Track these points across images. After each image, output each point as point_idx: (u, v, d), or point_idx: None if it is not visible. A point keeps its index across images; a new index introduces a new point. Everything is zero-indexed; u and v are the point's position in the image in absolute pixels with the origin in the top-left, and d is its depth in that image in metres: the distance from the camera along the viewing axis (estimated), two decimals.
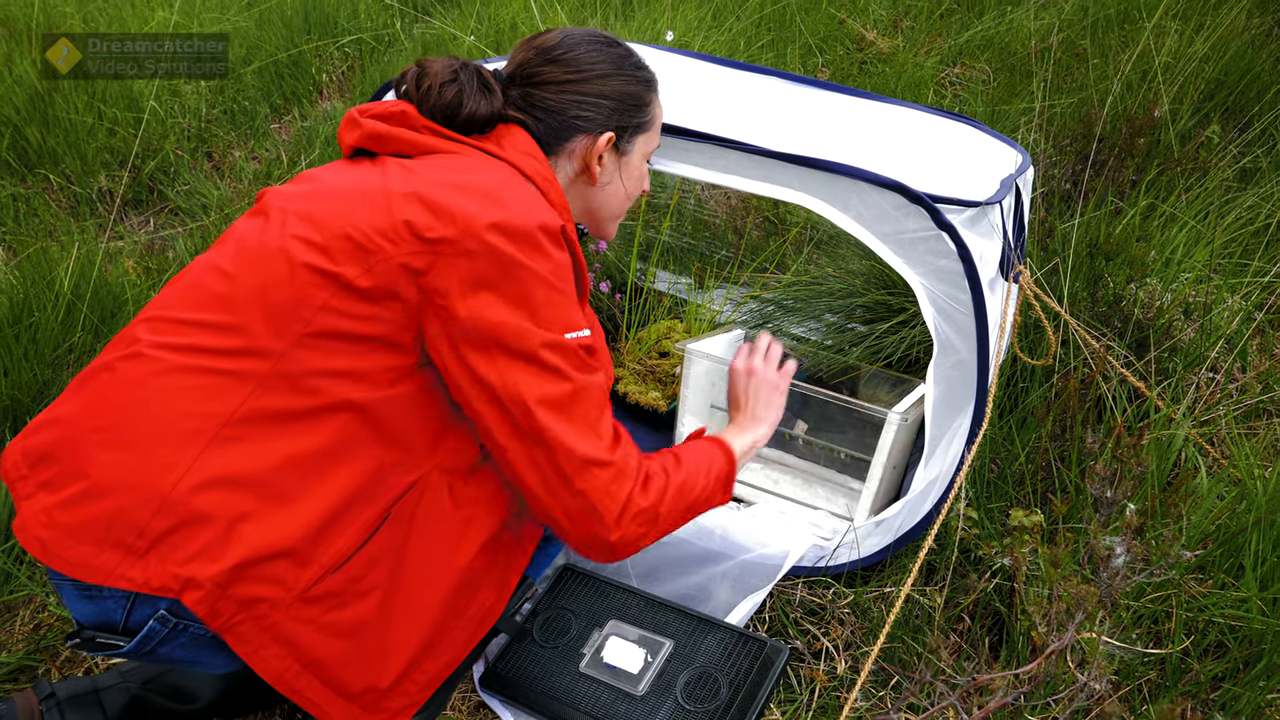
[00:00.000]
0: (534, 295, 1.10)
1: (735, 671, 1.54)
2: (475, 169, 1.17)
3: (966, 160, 1.83)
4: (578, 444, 1.12)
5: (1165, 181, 2.73)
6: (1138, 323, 2.08)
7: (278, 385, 1.08)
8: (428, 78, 1.23)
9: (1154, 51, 3.21)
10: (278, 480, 1.07)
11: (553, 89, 1.27)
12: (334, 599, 1.10)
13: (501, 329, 1.09)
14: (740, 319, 2.31)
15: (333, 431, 1.09)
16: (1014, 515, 1.46)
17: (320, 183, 1.19)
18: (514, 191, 1.15)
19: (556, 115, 1.27)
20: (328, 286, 1.09)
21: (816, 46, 3.91)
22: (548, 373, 1.11)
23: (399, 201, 1.10)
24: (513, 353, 1.10)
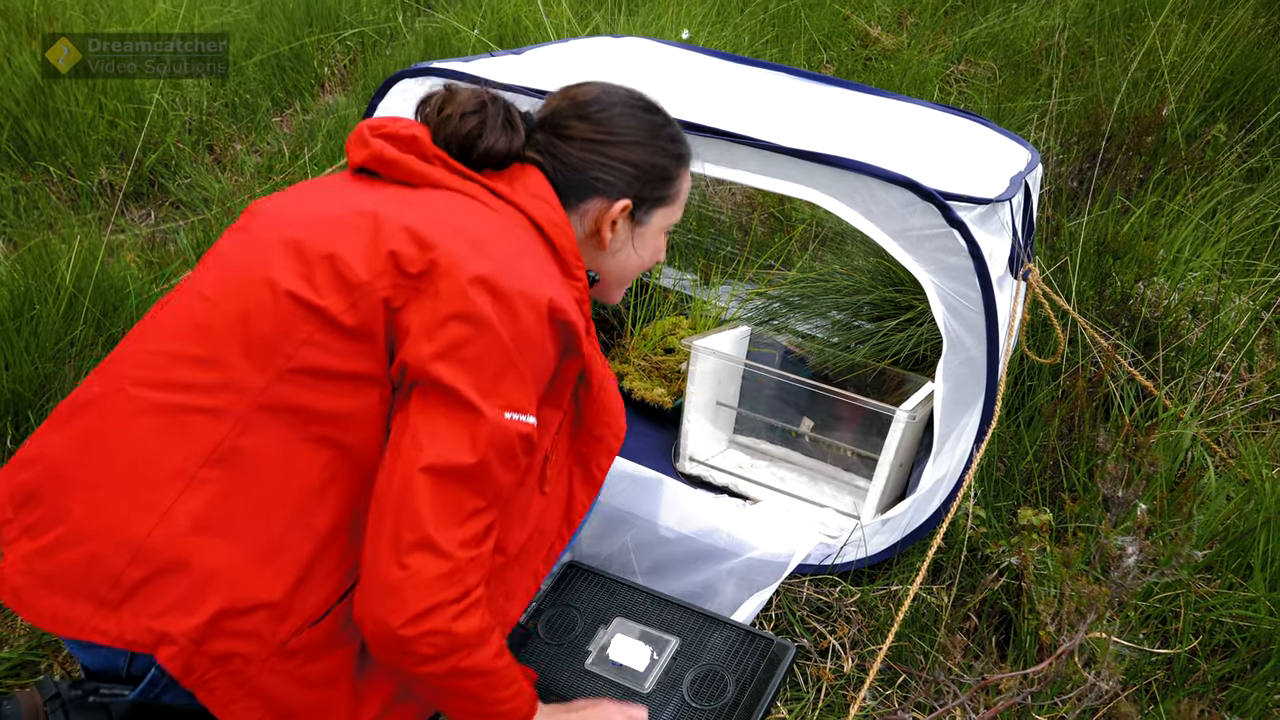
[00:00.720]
0: (488, 361, 1.03)
1: (742, 669, 1.53)
2: (477, 214, 1.11)
3: (976, 157, 1.83)
4: (429, 516, 1.00)
5: (1172, 180, 2.73)
6: (1145, 322, 2.07)
7: (258, 423, 1.02)
8: (451, 104, 1.17)
9: (1160, 50, 3.20)
10: (257, 526, 1.02)
11: (578, 145, 1.21)
12: (311, 651, 1.05)
13: (440, 384, 1.01)
14: (746, 315, 2.30)
15: (315, 473, 1.04)
16: (1023, 514, 1.45)
17: (313, 202, 1.14)
18: (510, 246, 1.09)
19: (576, 173, 1.22)
20: (311, 320, 1.03)
21: (821, 43, 3.90)
22: (459, 440, 1.01)
23: (388, 231, 1.05)
24: (440, 406, 1.02)
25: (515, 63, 1.99)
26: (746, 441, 2.16)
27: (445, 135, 1.17)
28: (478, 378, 1.02)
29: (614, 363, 2.26)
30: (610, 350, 2.31)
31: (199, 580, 1.00)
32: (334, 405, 1.04)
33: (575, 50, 2.19)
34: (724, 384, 2.10)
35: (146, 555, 0.99)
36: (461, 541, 1.01)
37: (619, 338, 2.31)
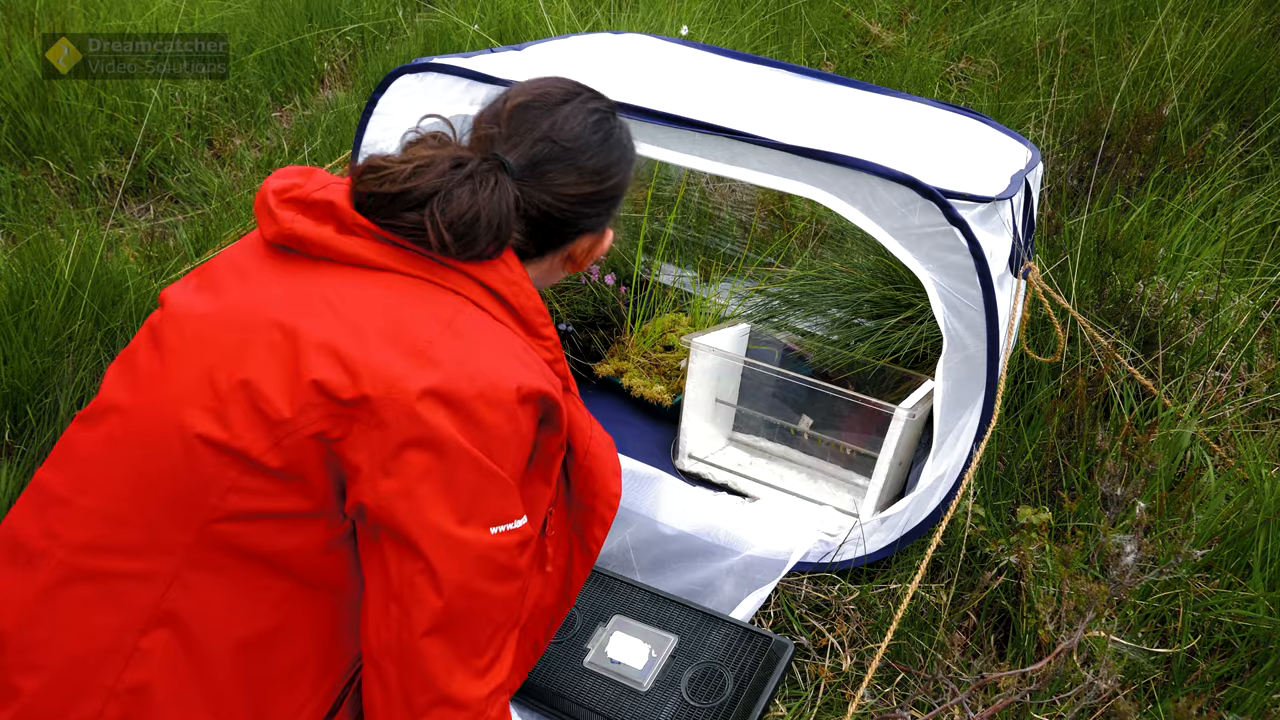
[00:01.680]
0: (460, 483, 0.92)
1: (740, 667, 1.53)
2: (413, 303, 0.97)
3: (977, 155, 1.82)
4: (442, 674, 0.93)
5: (1172, 179, 2.72)
6: (1145, 320, 2.07)
7: (191, 581, 0.94)
8: (440, 207, 0.98)
9: (1164, 48, 3.20)
10: (212, 685, 0.95)
11: (570, 200, 1.08)
12: None
13: (411, 524, 0.91)
14: (746, 313, 2.30)
15: (265, 617, 0.96)
16: (1022, 513, 1.45)
17: (225, 303, 1.00)
18: (459, 338, 0.96)
19: (567, 225, 1.09)
20: (232, 465, 0.93)
21: (821, 40, 3.90)
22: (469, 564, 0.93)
23: (308, 355, 0.92)
24: (418, 551, 0.93)
25: (516, 59, 1.98)
26: (745, 439, 2.16)
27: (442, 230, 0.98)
28: (454, 506, 0.92)
29: (614, 360, 2.26)
30: (610, 347, 2.30)
31: None
32: (273, 545, 0.95)
33: (576, 47, 2.19)
34: (723, 381, 2.10)
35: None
36: (480, 686, 0.95)
37: (618, 334, 2.31)
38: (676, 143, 1.65)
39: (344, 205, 1.00)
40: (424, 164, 0.99)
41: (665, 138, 1.65)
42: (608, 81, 1.83)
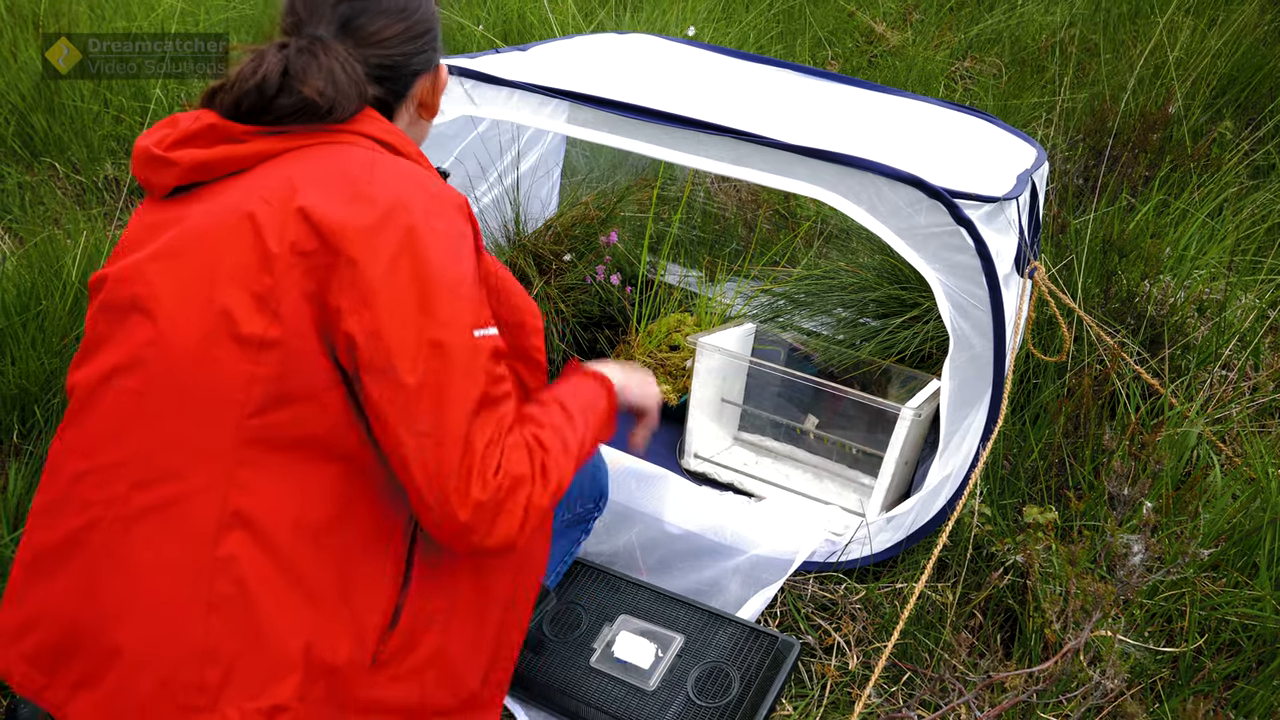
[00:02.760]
0: (437, 295, 0.98)
1: (746, 666, 1.53)
2: (333, 158, 1.03)
3: (982, 155, 1.82)
4: (478, 458, 0.99)
5: (1179, 178, 2.72)
6: (1151, 319, 2.07)
7: (246, 480, 0.99)
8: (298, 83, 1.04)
9: (1167, 47, 3.19)
10: (294, 567, 1.00)
11: (393, 43, 1.11)
12: (402, 653, 1.07)
13: (401, 344, 0.96)
14: (751, 313, 2.30)
15: (327, 496, 1.01)
16: (1028, 512, 1.45)
17: (175, 243, 1.04)
18: (385, 174, 1.02)
19: (400, 69, 1.12)
20: (245, 357, 0.98)
21: (826, 39, 3.89)
22: (463, 375, 0.98)
23: (274, 225, 0.98)
24: (412, 362, 0.97)
25: (522, 59, 1.98)
26: (751, 438, 2.16)
27: (264, 104, 1.04)
28: (432, 315, 0.98)
29: (619, 359, 2.26)
30: (615, 347, 2.31)
31: (276, 647, 0.99)
32: (306, 430, 1.00)
33: (581, 47, 2.19)
34: (729, 381, 2.11)
35: (214, 651, 0.98)
36: (503, 450, 1.00)
37: (624, 335, 2.31)
38: (681, 143, 1.65)
39: (224, 123, 1.05)
40: (256, 59, 1.05)
41: (670, 138, 1.65)
42: (613, 82, 1.83)
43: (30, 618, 1.04)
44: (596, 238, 2.22)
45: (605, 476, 1.49)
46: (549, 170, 2.50)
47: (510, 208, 2.21)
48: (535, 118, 1.77)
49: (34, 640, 1.03)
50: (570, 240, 2.20)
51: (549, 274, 2.14)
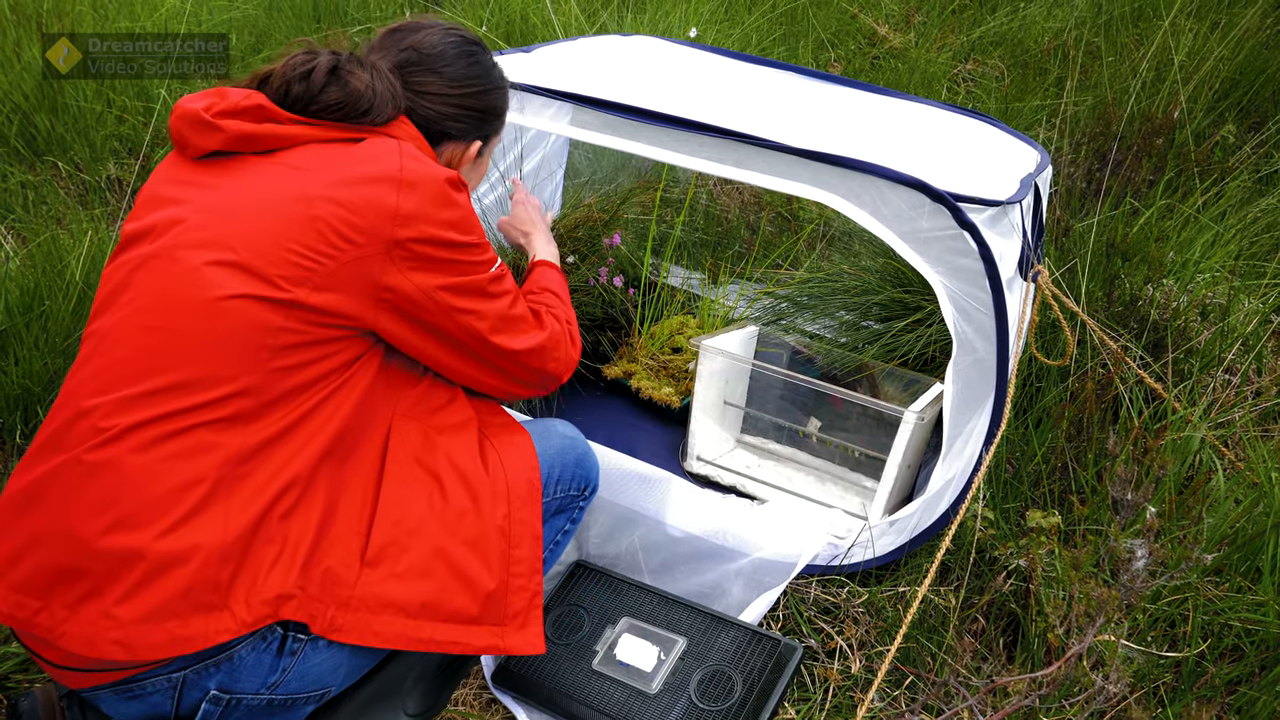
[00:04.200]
0: (461, 255, 1.19)
1: (749, 670, 1.53)
2: (365, 153, 1.17)
3: (986, 158, 1.82)
4: (523, 344, 1.31)
5: (1183, 182, 2.72)
6: (1154, 324, 2.06)
7: (268, 411, 1.09)
8: (347, 75, 1.20)
9: (1172, 50, 3.19)
10: (297, 481, 1.11)
11: (433, 100, 1.31)
12: (393, 550, 1.14)
13: (446, 293, 1.19)
14: (754, 315, 2.30)
15: (331, 415, 1.14)
16: (1031, 516, 1.45)
17: (215, 202, 1.14)
18: (410, 161, 1.16)
19: (433, 124, 1.31)
20: (279, 311, 1.09)
21: (828, 41, 3.89)
22: (491, 300, 1.25)
23: (319, 207, 1.11)
24: (460, 304, 1.21)
25: (525, 60, 1.98)
26: (754, 441, 2.16)
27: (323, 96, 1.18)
28: (465, 270, 1.21)
29: (622, 362, 2.26)
30: (618, 349, 2.31)
31: (277, 542, 1.07)
32: (326, 365, 1.13)
33: (584, 49, 2.19)
34: (731, 384, 2.10)
35: (228, 553, 1.04)
36: (534, 326, 1.35)
37: (626, 337, 2.31)
38: (684, 146, 1.65)
39: (271, 105, 1.17)
40: (310, 54, 1.20)
41: (672, 141, 1.65)
42: (616, 84, 1.83)
43: (18, 546, 1.05)
44: (600, 240, 2.22)
45: (593, 469, 1.50)
46: (552, 172, 2.49)
47: None
48: (538, 120, 1.77)
49: (27, 568, 1.04)
50: (573, 242, 2.20)
51: None
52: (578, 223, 2.23)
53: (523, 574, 1.24)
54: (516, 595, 1.22)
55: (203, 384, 1.07)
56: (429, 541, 1.17)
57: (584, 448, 1.48)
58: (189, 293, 1.08)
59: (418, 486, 1.20)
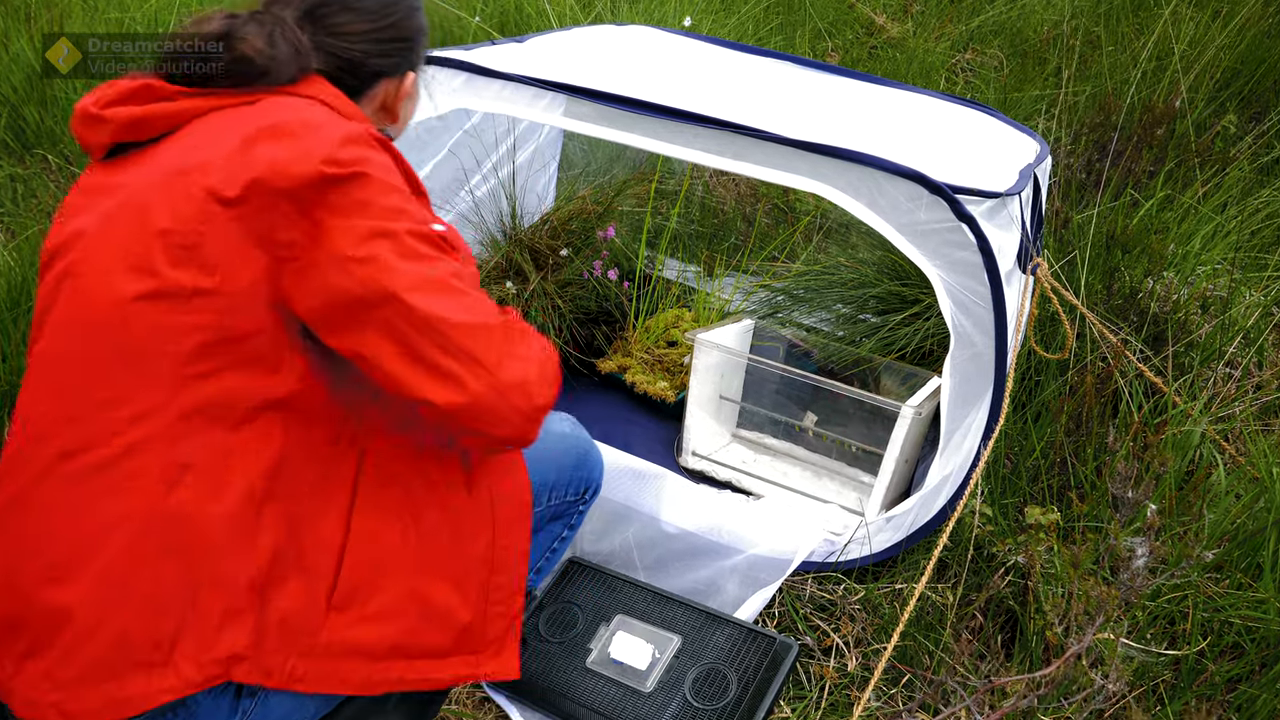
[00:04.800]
0: (362, 193, 0.98)
1: (744, 668, 1.52)
2: (255, 114, 1.03)
3: (985, 149, 1.80)
4: (457, 314, 0.99)
5: (1183, 173, 2.69)
6: (1154, 317, 2.04)
7: (184, 429, 0.98)
8: (237, 41, 1.06)
9: (1173, 39, 3.16)
10: (236, 519, 0.99)
11: (355, 39, 1.14)
12: (362, 591, 1.05)
13: (341, 237, 0.97)
14: (750, 308, 2.28)
15: (262, 440, 1.00)
16: (1030, 513, 1.43)
17: (111, 206, 1.03)
18: (305, 113, 1.03)
19: (362, 66, 1.16)
20: (176, 306, 0.97)
21: (826, 31, 3.86)
22: (409, 255, 0.98)
23: (197, 176, 0.98)
24: (359, 252, 0.97)
25: (518, 51, 1.96)
26: (750, 436, 2.14)
27: (231, 66, 1.05)
28: (391, 215, 0.99)
29: (616, 356, 2.24)
30: (612, 343, 2.28)
31: (226, 595, 0.98)
32: (242, 375, 1.00)
33: (578, 38, 2.16)
34: (727, 378, 2.08)
35: (166, 606, 0.96)
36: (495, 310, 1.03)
37: (621, 331, 2.29)
38: (679, 137, 1.63)
39: (159, 83, 1.06)
40: (198, 21, 1.08)
41: (667, 132, 1.63)
42: (610, 74, 1.80)
43: None
44: (594, 232, 2.20)
45: (595, 468, 1.42)
46: (545, 163, 2.47)
47: (506, 201, 2.18)
48: (531, 111, 1.74)
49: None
50: (567, 235, 2.18)
51: (545, 269, 2.12)
52: (572, 215, 2.20)
53: (503, 599, 1.15)
54: (494, 622, 1.14)
55: (120, 407, 0.97)
56: (403, 580, 1.07)
57: (585, 446, 1.41)
58: (93, 311, 0.99)
59: (393, 518, 1.08)
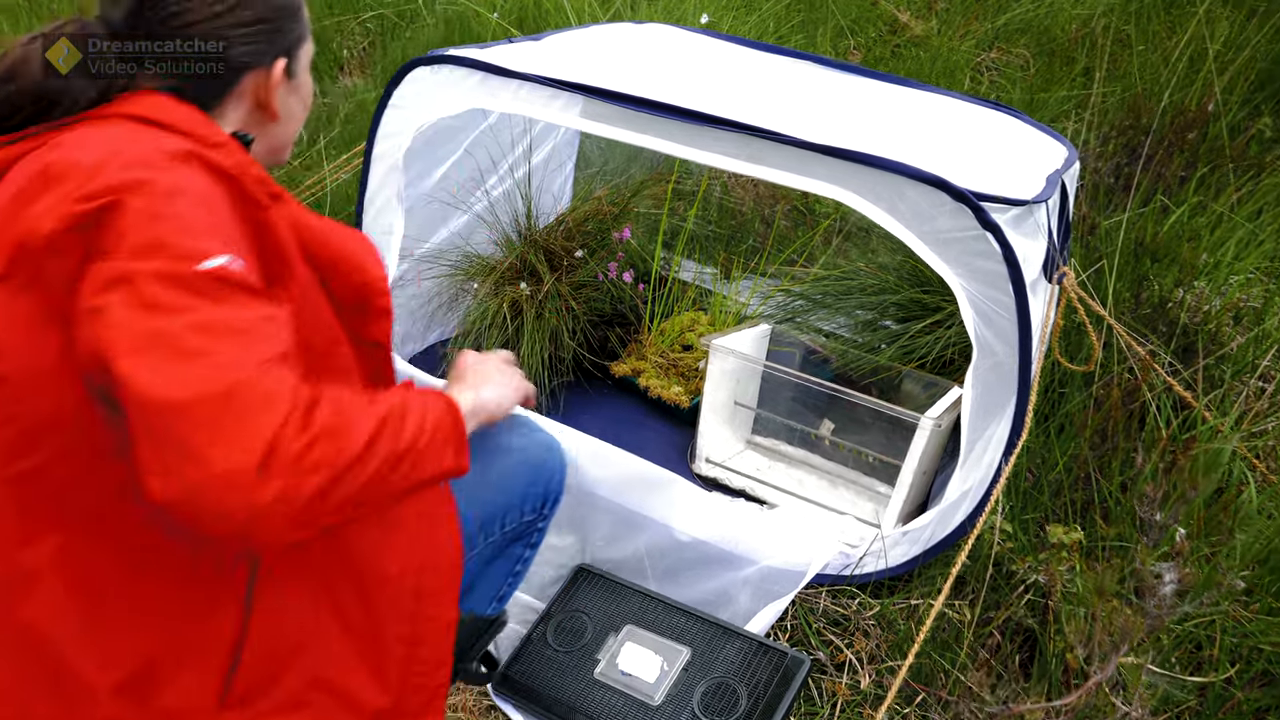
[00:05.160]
0: (114, 229, 0.81)
1: (755, 682, 1.49)
2: (40, 157, 0.89)
3: (1010, 154, 1.75)
4: (162, 388, 0.78)
5: (1216, 179, 2.62)
6: (1184, 328, 1.99)
7: (21, 536, 0.87)
8: (17, 73, 0.93)
9: (1207, 39, 3.08)
10: (97, 624, 0.88)
11: (200, 29, 0.97)
12: (263, 686, 0.94)
13: (91, 308, 0.80)
14: (767, 312, 2.24)
15: (118, 534, 0.89)
16: (1052, 531, 1.39)
17: None
18: (94, 145, 0.88)
19: (216, 61, 0.99)
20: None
21: (848, 29, 3.80)
22: (145, 306, 0.79)
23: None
24: (92, 301, 0.80)
25: (534, 49, 1.93)
26: (765, 442, 2.10)
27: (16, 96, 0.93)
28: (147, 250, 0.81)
29: (630, 359, 2.21)
30: (627, 346, 2.25)
31: (95, 705, 0.89)
32: (68, 466, 0.87)
33: (594, 36, 2.13)
34: (743, 384, 2.05)
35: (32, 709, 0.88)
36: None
37: (636, 333, 2.26)
38: (696, 140, 1.59)
39: None
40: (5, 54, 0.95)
41: (683, 134, 1.59)
42: (626, 74, 1.77)
43: None
44: (609, 233, 2.17)
45: (553, 477, 1.28)
46: (562, 163, 2.44)
47: (521, 201, 2.16)
48: (546, 111, 1.71)
49: None
50: (582, 236, 2.15)
51: (560, 270, 2.09)
52: (587, 215, 2.18)
53: (425, 672, 1.03)
54: (414, 695, 1.02)
55: None
56: (309, 667, 0.95)
57: (539, 455, 1.27)
58: None
59: (297, 600, 0.95)
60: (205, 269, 0.81)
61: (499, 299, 2.03)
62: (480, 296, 2.05)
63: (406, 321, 2.16)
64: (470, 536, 1.18)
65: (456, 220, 2.18)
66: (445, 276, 2.12)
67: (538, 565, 1.78)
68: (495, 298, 2.04)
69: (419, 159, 2.01)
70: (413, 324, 2.18)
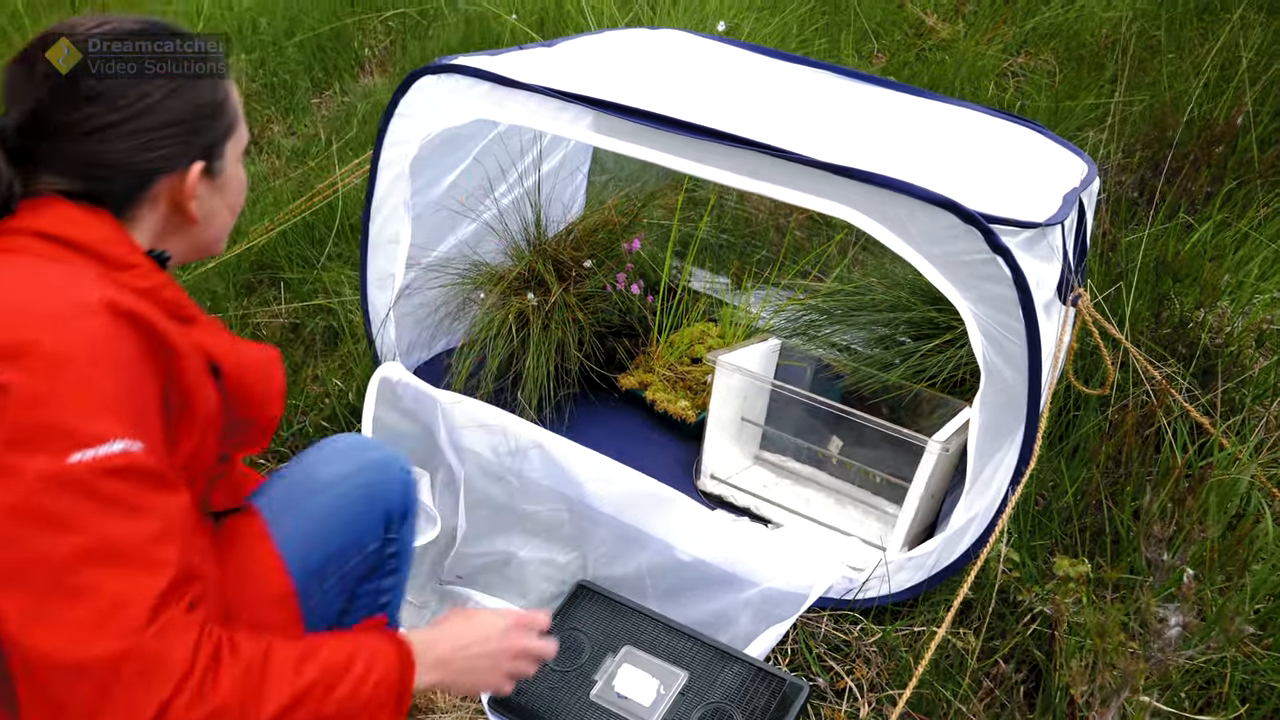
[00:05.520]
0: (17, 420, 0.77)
1: (752, 708, 1.47)
2: None
3: (1027, 171, 1.71)
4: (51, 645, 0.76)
5: (1243, 195, 2.55)
6: (1205, 350, 1.93)
7: None
8: None
9: (1240, 47, 2.99)
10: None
11: (99, 138, 0.91)
12: None
13: None
14: (779, 325, 2.21)
15: None
16: (1059, 564, 1.36)
17: None
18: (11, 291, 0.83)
19: (127, 168, 0.93)
20: None
21: (873, 32, 3.74)
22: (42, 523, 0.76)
23: None
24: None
25: (544, 56, 1.91)
26: (772, 459, 2.08)
27: None
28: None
29: (638, 372, 2.19)
30: (635, 358, 2.23)
31: None
32: None
33: (608, 43, 2.11)
34: (750, 400, 2.02)
35: None
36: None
37: (644, 345, 2.24)
38: (704, 156, 1.57)
39: None
40: None
41: (692, 150, 1.57)
42: (636, 85, 1.75)
43: None
44: (619, 243, 2.15)
45: (390, 494, 1.18)
46: (573, 171, 2.42)
47: (530, 210, 2.15)
48: (555, 124, 1.69)
49: None
50: (591, 246, 2.13)
51: (568, 281, 2.07)
52: (597, 225, 2.16)
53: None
54: None
55: None
56: None
57: (368, 479, 1.16)
58: None
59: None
60: (94, 460, 0.78)
61: (505, 309, 2.02)
62: (487, 306, 2.04)
63: (413, 330, 2.15)
64: (304, 595, 1.08)
65: (465, 228, 2.18)
66: (452, 285, 2.11)
67: (538, 580, 1.78)
68: (502, 308, 2.03)
69: (428, 166, 2.00)
70: (419, 333, 2.17)
